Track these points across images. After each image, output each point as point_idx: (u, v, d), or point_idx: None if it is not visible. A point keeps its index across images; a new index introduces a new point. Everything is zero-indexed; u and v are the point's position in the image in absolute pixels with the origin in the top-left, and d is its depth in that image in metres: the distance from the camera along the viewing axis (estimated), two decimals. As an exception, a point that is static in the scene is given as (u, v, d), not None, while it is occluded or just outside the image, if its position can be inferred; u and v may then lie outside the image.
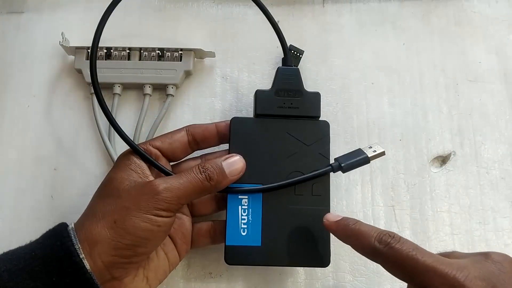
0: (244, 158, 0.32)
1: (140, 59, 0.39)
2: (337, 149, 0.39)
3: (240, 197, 0.33)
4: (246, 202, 0.33)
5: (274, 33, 0.43)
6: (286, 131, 0.34)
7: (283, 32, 0.36)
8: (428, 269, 0.25)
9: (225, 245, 0.32)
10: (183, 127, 0.34)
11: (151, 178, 0.31)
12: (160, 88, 0.40)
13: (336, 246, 0.37)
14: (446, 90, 0.41)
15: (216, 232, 0.34)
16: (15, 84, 0.41)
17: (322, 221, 0.31)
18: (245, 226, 0.32)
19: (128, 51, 0.39)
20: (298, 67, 0.40)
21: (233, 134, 0.33)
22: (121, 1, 0.34)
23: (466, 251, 0.37)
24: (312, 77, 0.41)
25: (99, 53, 0.39)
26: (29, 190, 0.38)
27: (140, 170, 0.31)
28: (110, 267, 0.28)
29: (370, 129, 0.40)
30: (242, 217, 0.32)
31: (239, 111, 0.40)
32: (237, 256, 0.32)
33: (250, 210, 0.32)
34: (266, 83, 0.41)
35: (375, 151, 0.33)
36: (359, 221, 0.29)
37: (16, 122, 0.40)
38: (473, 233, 0.38)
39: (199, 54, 0.40)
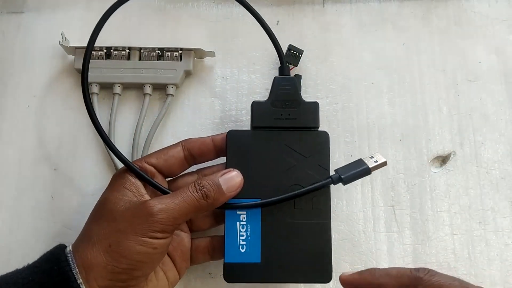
0: (241, 172, 0.32)
1: (140, 59, 0.39)
2: (337, 148, 0.39)
3: (238, 212, 0.32)
4: (244, 218, 0.32)
5: (274, 33, 0.42)
6: (284, 143, 0.33)
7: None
8: None
9: (224, 262, 0.32)
10: (179, 142, 0.33)
11: (147, 196, 0.31)
12: (160, 88, 0.40)
13: (336, 245, 0.37)
14: (446, 90, 0.41)
15: (215, 248, 0.33)
16: (15, 84, 0.41)
17: (323, 235, 0.31)
18: (244, 242, 0.32)
19: (128, 51, 0.39)
20: (297, 66, 0.40)
21: (229, 147, 0.33)
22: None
23: (466, 251, 0.37)
24: (312, 77, 0.41)
25: (99, 53, 0.39)
26: (29, 190, 0.38)
27: (135, 189, 0.30)
28: None
29: (370, 129, 0.40)
30: (241, 233, 0.32)
31: (239, 111, 0.40)
32: (237, 274, 0.31)
33: (248, 225, 0.32)
34: (266, 83, 0.41)
35: (376, 161, 0.32)
36: (374, 269, 0.28)
37: (16, 122, 0.40)
38: (473, 233, 0.38)
39: (199, 54, 0.40)
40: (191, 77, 0.41)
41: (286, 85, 0.34)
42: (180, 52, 0.39)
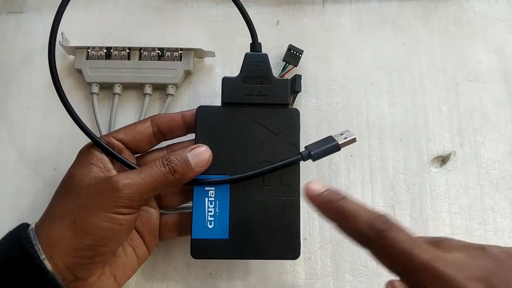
0: (210, 148, 0.31)
1: (140, 59, 0.39)
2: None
3: (206, 188, 0.31)
4: (213, 194, 0.31)
5: (274, 33, 0.43)
6: (255, 119, 0.32)
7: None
8: (425, 267, 0.22)
9: (191, 238, 0.31)
10: (148, 118, 0.33)
11: (114, 172, 0.30)
12: (160, 88, 0.40)
13: (336, 245, 0.37)
14: (446, 90, 0.41)
15: (183, 224, 0.33)
16: (15, 84, 0.41)
17: (292, 212, 0.31)
18: (212, 218, 0.31)
19: (128, 51, 0.39)
20: (297, 66, 0.40)
21: (199, 123, 0.32)
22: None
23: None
24: (312, 77, 0.41)
25: (99, 52, 0.39)
26: (29, 190, 0.38)
27: (101, 164, 0.30)
28: (72, 268, 0.27)
29: (370, 129, 0.40)
30: (209, 209, 0.31)
31: (239, 111, 0.40)
32: (204, 250, 0.31)
33: (217, 202, 0.31)
34: (266, 83, 0.41)
35: (346, 137, 0.32)
36: (347, 196, 0.26)
37: (16, 122, 0.40)
38: (473, 233, 0.38)
39: (199, 54, 0.40)
40: (191, 77, 0.41)
41: (257, 62, 0.33)
42: (180, 52, 0.39)
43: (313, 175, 0.39)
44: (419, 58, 0.42)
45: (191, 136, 0.34)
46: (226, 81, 0.33)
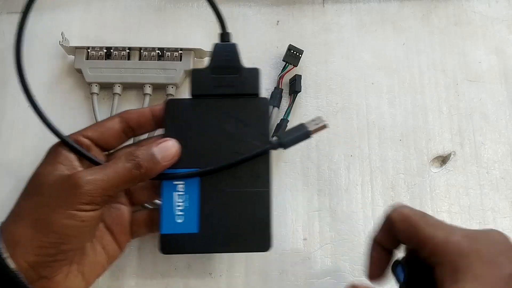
0: (180, 141, 0.30)
1: (140, 59, 0.39)
2: (337, 148, 0.39)
3: (175, 183, 0.30)
4: (182, 188, 0.31)
5: (274, 33, 0.43)
6: (224, 111, 0.32)
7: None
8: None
9: (159, 234, 0.30)
10: (117, 114, 0.32)
11: (80, 169, 0.30)
12: (160, 88, 0.40)
13: (336, 245, 0.37)
14: (446, 90, 0.41)
15: (153, 221, 0.32)
16: (15, 84, 0.41)
17: (262, 204, 0.30)
18: (182, 213, 0.30)
19: (128, 50, 0.39)
20: (297, 66, 0.40)
21: (168, 117, 0.31)
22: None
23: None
24: (312, 77, 0.41)
25: (99, 52, 0.39)
26: (29, 190, 0.38)
27: (68, 163, 0.29)
28: (35, 267, 0.27)
29: (370, 129, 0.40)
30: (178, 203, 0.30)
31: (239, 111, 0.40)
32: (173, 245, 0.30)
33: (186, 196, 0.31)
34: (266, 83, 0.41)
35: (317, 124, 0.31)
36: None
37: (16, 122, 0.40)
38: (473, 233, 0.38)
39: (199, 53, 0.40)
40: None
41: (226, 52, 0.33)
42: (180, 52, 0.39)
43: (313, 175, 0.39)
44: (419, 58, 0.42)
45: (163, 130, 0.33)
46: (195, 73, 0.32)
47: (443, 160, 0.40)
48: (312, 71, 0.42)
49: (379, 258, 0.29)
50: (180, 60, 0.39)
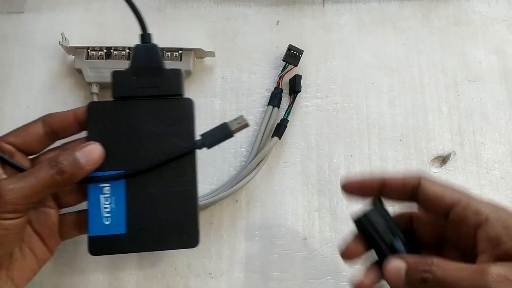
0: (104, 144, 0.30)
1: (140, 59, 0.39)
2: (337, 148, 0.39)
3: (101, 185, 0.31)
4: (108, 190, 0.31)
5: (274, 33, 0.43)
6: (148, 112, 0.32)
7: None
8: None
9: (87, 236, 0.31)
10: (39, 118, 0.32)
11: (4, 176, 0.29)
12: (160, 88, 0.40)
13: (336, 245, 0.37)
14: (446, 90, 0.41)
15: (81, 223, 0.32)
16: (15, 84, 0.41)
17: (189, 202, 0.31)
18: (108, 215, 0.31)
19: (128, 51, 0.39)
20: (297, 66, 0.40)
21: (90, 120, 0.31)
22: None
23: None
24: (312, 77, 0.41)
25: (99, 52, 0.39)
26: (29, 190, 0.38)
27: None
28: None
29: (370, 129, 0.40)
30: (105, 206, 0.31)
31: (239, 111, 0.40)
32: (102, 246, 0.31)
33: (113, 198, 0.31)
34: (266, 83, 0.41)
35: (239, 123, 0.32)
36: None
37: (16, 122, 0.39)
38: (473, 233, 0.38)
39: (199, 54, 0.40)
40: (191, 77, 0.41)
41: (147, 53, 0.33)
42: (180, 52, 0.39)
43: (313, 175, 0.39)
44: (419, 58, 0.42)
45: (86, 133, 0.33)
46: (116, 74, 0.32)
47: (443, 160, 0.40)
48: (312, 71, 0.42)
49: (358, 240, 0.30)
50: (180, 60, 0.39)
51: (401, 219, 0.31)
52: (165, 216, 0.31)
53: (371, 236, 0.29)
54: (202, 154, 0.40)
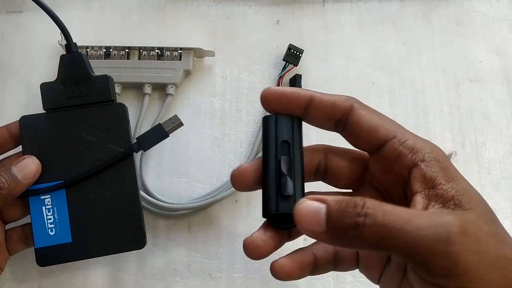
0: (40, 157, 0.31)
1: (139, 59, 0.39)
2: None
3: (42, 197, 0.31)
4: (49, 201, 0.31)
5: (274, 32, 0.43)
6: (81, 121, 0.32)
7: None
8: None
9: (34, 248, 0.31)
10: None
11: None
12: (160, 88, 0.40)
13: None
14: (447, 89, 0.41)
15: (27, 236, 0.32)
16: (14, 84, 0.41)
17: (132, 205, 0.31)
18: (53, 225, 0.31)
19: (127, 50, 0.39)
20: (297, 66, 0.40)
21: (24, 134, 0.32)
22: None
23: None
24: (312, 77, 0.41)
25: (99, 52, 0.39)
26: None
27: None
28: None
29: (371, 129, 0.40)
30: (48, 217, 0.31)
31: (239, 110, 0.40)
32: (49, 257, 0.31)
33: (55, 208, 0.31)
34: (266, 83, 0.41)
35: (173, 123, 0.32)
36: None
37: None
38: (474, 233, 0.38)
39: (198, 53, 0.40)
40: (190, 76, 0.41)
41: (73, 62, 0.33)
42: (179, 51, 0.39)
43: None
44: (420, 58, 0.42)
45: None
46: (44, 87, 0.33)
47: (444, 160, 0.40)
48: (312, 70, 0.41)
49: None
50: (180, 59, 0.39)
51: (313, 152, 0.27)
52: (109, 220, 0.32)
53: (265, 140, 0.26)
54: (202, 154, 0.40)
